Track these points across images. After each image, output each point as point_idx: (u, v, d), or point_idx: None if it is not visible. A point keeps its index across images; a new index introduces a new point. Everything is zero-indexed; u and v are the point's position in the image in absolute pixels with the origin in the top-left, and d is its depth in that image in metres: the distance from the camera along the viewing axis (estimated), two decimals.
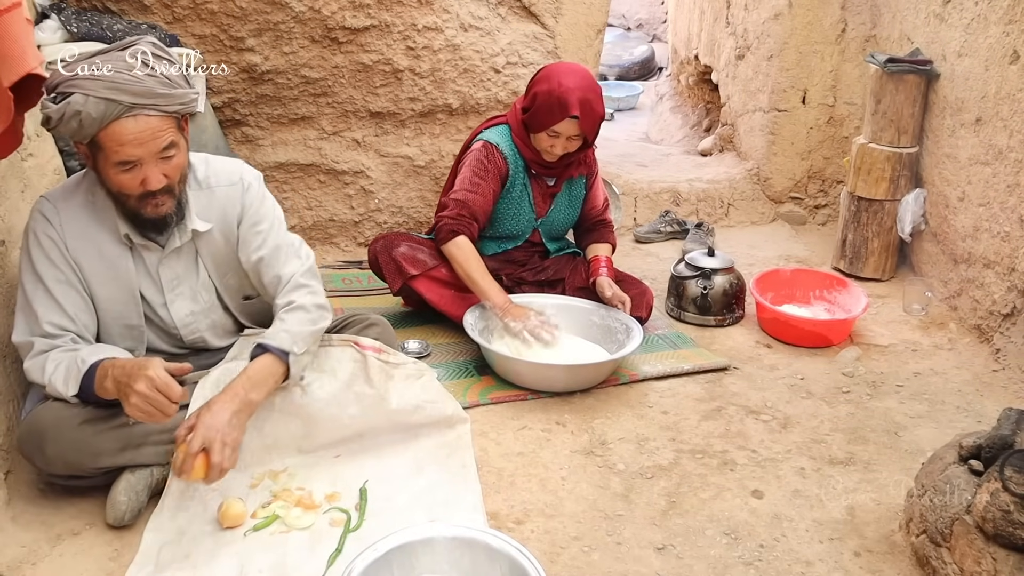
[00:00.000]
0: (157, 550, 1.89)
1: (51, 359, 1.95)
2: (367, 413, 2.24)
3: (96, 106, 1.78)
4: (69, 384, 1.92)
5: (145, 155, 1.86)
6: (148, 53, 1.87)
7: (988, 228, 3.08)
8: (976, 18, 3.16)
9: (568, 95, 2.72)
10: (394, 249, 2.94)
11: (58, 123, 1.81)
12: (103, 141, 1.83)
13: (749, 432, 2.53)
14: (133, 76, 1.82)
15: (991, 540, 1.72)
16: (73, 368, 1.93)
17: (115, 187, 1.91)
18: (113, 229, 2.02)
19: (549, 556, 1.96)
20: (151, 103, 1.83)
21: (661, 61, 8.04)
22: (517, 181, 2.95)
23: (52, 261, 1.98)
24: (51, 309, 1.97)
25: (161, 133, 1.86)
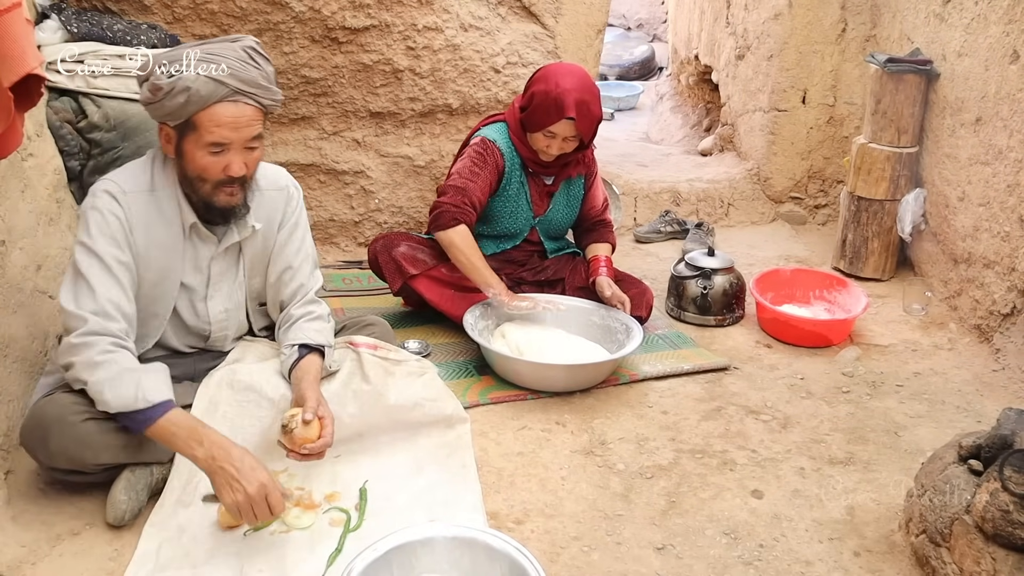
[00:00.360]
0: (157, 549, 1.89)
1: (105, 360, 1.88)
2: (365, 410, 2.24)
3: (206, 85, 1.89)
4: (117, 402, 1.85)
5: (236, 140, 1.95)
6: (254, 49, 1.99)
7: (988, 228, 3.08)
8: (976, 18, 3.16)
9: (565, 96, 2.72)
10: (394, 249, 2.94)
11: (164, 96, 1.89)
12: (200, 120, 1.91)
13: (749, 432, 2.53)
14: (241, 64, 1.93)
15: (990, 540, 1.72)
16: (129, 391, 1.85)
17: (196, 170, 1.97)
18: (173, 218, 2.06)
19: (549, 556, 1.96)
20: (253, 92, 1.95)
21: (661, 61, 8.05)
22: (513, 179, 2.96)
23: (116, 240, 1.98)
24: (111, 287, 1.95)
25: (254, 122, 1.98)
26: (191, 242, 2.11)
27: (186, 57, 1.90)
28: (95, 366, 1.87)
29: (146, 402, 1.85)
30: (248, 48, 1.97)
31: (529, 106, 2.81)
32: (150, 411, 1.85)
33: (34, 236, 2.34)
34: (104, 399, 1.85)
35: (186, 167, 1.99)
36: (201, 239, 2.12)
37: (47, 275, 2.39)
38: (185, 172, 2.00)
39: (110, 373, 1.87)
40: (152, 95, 1.91)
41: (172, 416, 1.86)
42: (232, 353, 2.29)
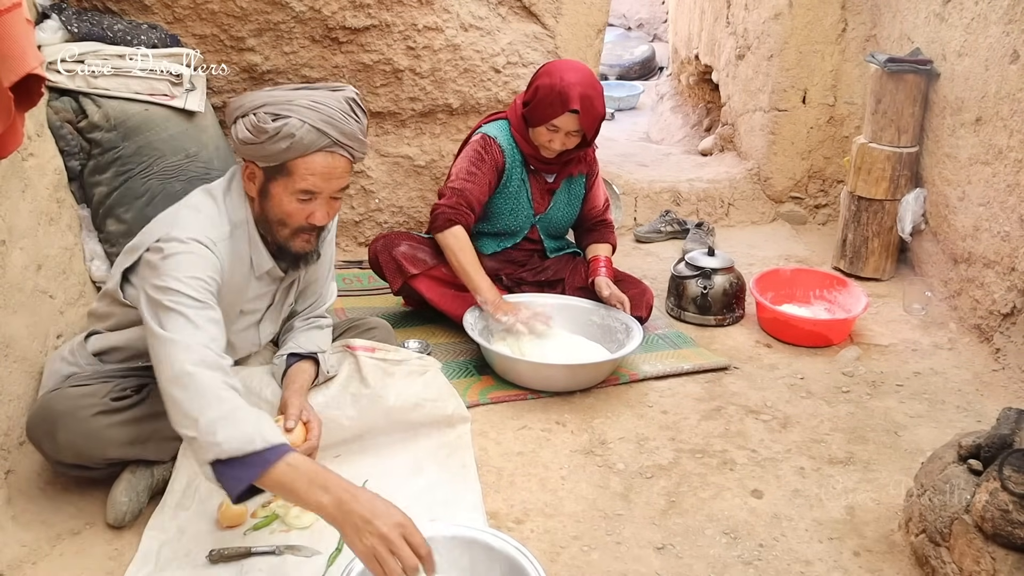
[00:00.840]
0: (157, 550, 1.89)
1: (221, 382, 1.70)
2: (365, 413, 2.25)
3: (309, 133, 1.87)
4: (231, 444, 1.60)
5: (325, 190, 1.94)
6: (355, 101, 1.98)
7: (988, 228, 3.08)
8: (976, 18, 3.16)
9: (569, 89, 2.72)
10: (394, 248, 2.94)
11: (267, 139, 1.86)
12: (295, 167, 1.90)
13: (749, 432, 2.54)
14: (344, 116, 1.92)
15: (990, 539, 1.72)
16: (246, 429, 1.62)
17: (280, 214, 1.95)
18: (244, 257, 2.02)
19: (549, 555, 1.96)
20: (350, 145, 1.94)
21: (662, 61, 8.05)
22: (514, 175, 2.96)
23: (207, 284, 1.83)
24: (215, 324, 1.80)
25: (345, 175, 1.97)
26: (259, 278, 2.10)
27: (291, 102, 1.89)
28: (210, 402, 1.66)
29: (265, 442, 1.61)
30: (350, 100, 1.96)
31: (533, 100, 2.81)
32: (268, 453, 1.61)
33: (35, 236, 2.35)
34: (216, 440, 1.61)
35: (269, 209, 1.96)
36: (269, 274, 2.11)
37: (47, 275, 2.39)
38: (266, 214, 1.97)
39: (223, 412, 1.64)
40: (254, 136, 1.88)
41: (291, 459, 1.62)
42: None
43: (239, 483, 1.61)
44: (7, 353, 2.10)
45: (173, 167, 2.84)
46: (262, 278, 2.10)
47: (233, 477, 1.61)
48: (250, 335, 2.20)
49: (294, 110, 1.87)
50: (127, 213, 2.79)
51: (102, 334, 2.11)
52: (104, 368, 2.08)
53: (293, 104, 1.88)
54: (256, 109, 1.90)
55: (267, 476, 1.60)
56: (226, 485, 1.63)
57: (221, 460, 1.61)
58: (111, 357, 2.10)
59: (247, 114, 1.91)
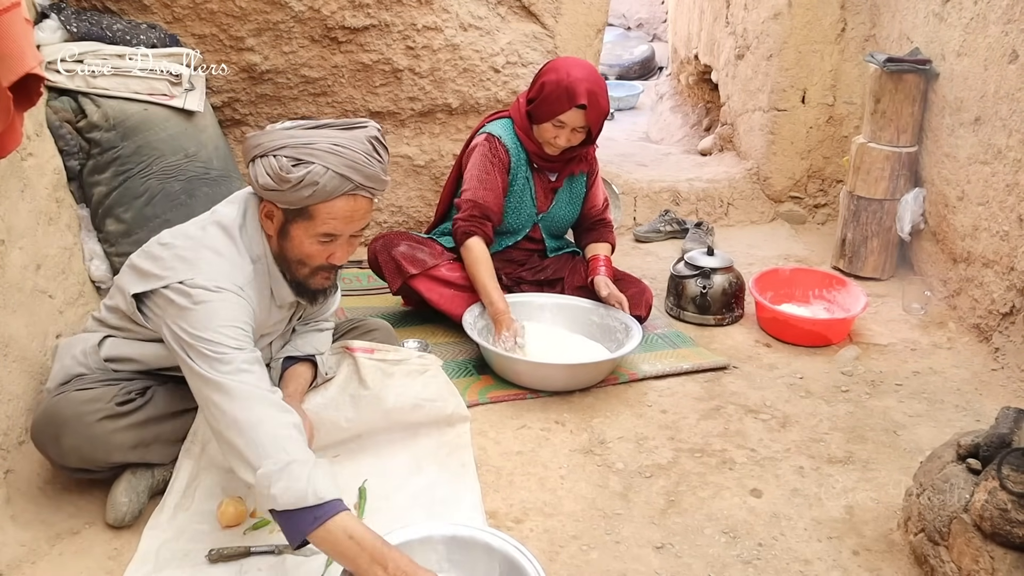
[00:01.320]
0: (156, 549, 1.89)
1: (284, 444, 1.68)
2: (364, 415, 2.25)
3: (332, 180, 1.82)
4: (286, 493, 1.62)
5: (347, 232, 1.91)
6: (377, 140, 1.92)
7: (987, 227, 3.08)
8: (975, 17, 3.16)
9: (576, 85, 2.74)
10: (393, 248, 2.94)
11: (290, 188, 1.81)
12: (317, 212, 1.85)
13: (748, 431, 2.54)
14: (367, 159, 1.86)
15: (989, 538, 1.72)
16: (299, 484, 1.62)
17: (299, 255, 1.93)
18: (263, 290, 1.99)
19: (548, 555, 1.96)
20: (372, 187, 1.89)
21: (661, 61, 8.04)
22: (519, 174, 2.96)
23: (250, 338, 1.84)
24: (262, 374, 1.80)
25: (367, 215, 1.93)
26: (279, 307, 2.09)
27: (313, 146, 1.82)
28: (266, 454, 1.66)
29: (317, 498, 1.62)
30: (372, 139, 1.90)
31: (539, 96, 2.82)
32: (319, 509, 1.62)
33: (34, 236, 2.35)
34: (270, 493, 1.63)
35: (289, 250, 1.93)
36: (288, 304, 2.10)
37: (47, 274, 2.39)
38: (285, 253, 1.94)
39: (280, 462, 1.65)
40: (276, 183, 1.82)
41: (350, 526, 1.63)
42: None
43: (295, 535, 1.64)
44: (6, 353, 2.10)
45: (172, 167, 2.84)
46: (282, 306, 2.10)
47: (289, 529, 1.65)
48: (264, 353, 2.19)
49: (316, 155, 1.81)
50: (126, 213, 2.79)
51: (117, 340, 2.07)
52: (111, 373, 2.07)
53: (315, 148, 1.81)
54: (276, 151, 1.83)
55: (319, 533, 1.62)
56: (286, 534, 1.67)
57: (277, 511, 1.64)
58: (124, 366, 2.07)
59: (266, 155, 1.85)
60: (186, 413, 2.08)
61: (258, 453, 1.66)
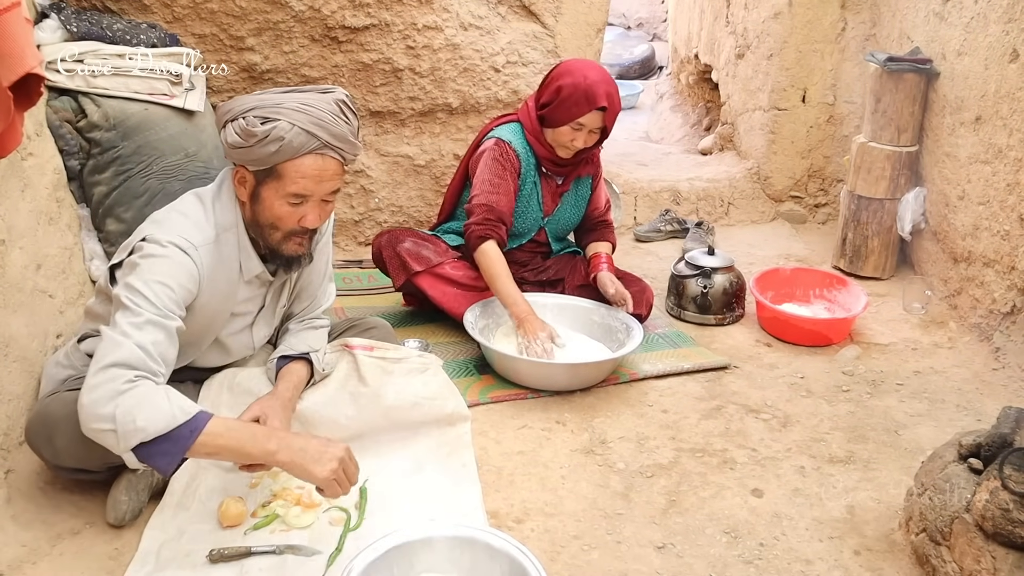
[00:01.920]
0: (157, 549, 1.89)
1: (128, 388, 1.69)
2: (363, 412, 2.24)
3: (298, 136, 1.86)
4: (153, 425, 1.66)
5: (316, 193, 1.93)
6: (344, 103, 1.96)
7: (988, 227, 3.08)
8: (976, 17, 3.16)
9: (595, 87, 2.76)
10: (398, 245, 2.94)
11: (256, 142, 1.86)
12: (285, 170, 1.89)
13: (749, 431, 2.53)
14: (334, 118, 1.91)
15: (990, 538, 1.72)
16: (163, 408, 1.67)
17: (271, 218, 1.95)
18: (231, 263, 2.01)
19: (549, 555, 1.96)
20: (340, 147, 1.93)
21: (661, 60, 8.04)
22: (528, 179, 2.96)
23: (174, 293, 1.84)
24: (159, 329, 1.79)
25: (336, 177, 1.96)
26: (248, 282, 2.09)
27: (280, 105, 1.88)
28: (119, 395, 1.68)
29: (185, 414, 1.69)
30: (340, 101, 1.95)
31: (555, 100, 2.81)
32: (192, 422, 1.69)
33: (34, 235, 2.34)
34: (137, 426, 1.65)
35: (260, 213, 1.95)
36: (258, 278, 2.10)
37: (47, 274, 2.39)
38: (257, 218, 1.97)
39: (136, 399, 1.68)
40: (244, 140, 1.87)
41: (225, 423, 1.76)
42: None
43: (171, 458, 1.69)
44: (7, 353, 2.10)
45: (172, 166, 2.84)
46: (251, 282, 2.09)
47: (162, 454, 1.68)
48: (243, 338, 2.19)
49: (283, 113, 1.86)
50: (126, 212, 2.78)
51: (96, 337, 2.08)
52: None
53: (282, 107, 1.87)
54: (245, 113, 1.89)
55: (198, 444, 1.70)
56: (156, 464, 1.70)
57: (147, 442, 1.67)
58: None
59: (236, 118, 1.90)
60: None
61: (110, 396, 1.67)
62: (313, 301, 2.33)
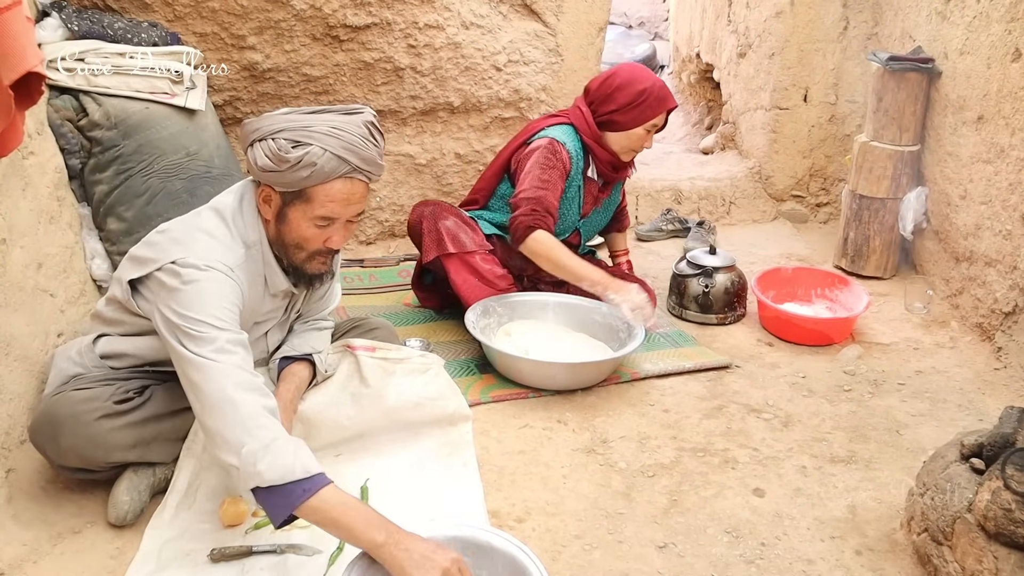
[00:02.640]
0: (158, 549, 1.89)
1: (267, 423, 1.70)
2: (365, 413, 2.24)
3: (330, 162, 1.85)
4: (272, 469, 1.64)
5: (343, 215, 1.93)
6: (373, 125, 1.95)
7: (990, 226, 3.07)
8: (978, 16, 3.15)
9: (666, 90, 2.89)
10: (440, 220, 2.91)
11: (288, 168, 1.85)
12: (315, 194, 1.88)
13: (750, 430, 2.53)
14: (363, 142, 1.90)
15: (992, 539, 1.72)
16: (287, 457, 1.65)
17: (297, 239, 1.95)
18: (257, 277, 2.01)
19: (550, 554, 1.96)
20: (368, 170, 1.93)
21: (663, 59, 8.03)
22: (574, 183, 2.98)
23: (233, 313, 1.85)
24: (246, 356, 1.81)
25: (363, 199, 1.96)
26: (272, 296, 2.10)
27: (310, 128, 1.86)
28: (249, 433, 1.67)
29: (305, 471, 1.66)
30: (368, 124, 1.93)
31: (631, 104, 2.85)
32: (308, 482, 1.65)
33: (35, 234, 2.34)
34: (257, 469, 1.64)
35: (286, 234, 1.95)
36: (283, 292, 2.11)
37: (48, 273, 2.39)
38: (283, 238, 1.96)
39: (264, 440, 1.67)
40: (275, 164, 1.85)
41: (341, 495, 1.67)
42: None
43: (281, 511, 1.65)
44: (8, 352, 2.10)
45: (174, 165, 2.84)
46: (276, 295, 2.10)
47: (276, 505, 1.66)
48: (259, 344, 2.20)
49: (315, 137, 1.85)
50: (128, 211, 2.78)
51: (111, 337, 2.08)
52: (109, 372, 2.07)
53: (313, 131, 1.85)
54: (275, 135, 1.87)
55: (308, 505, 1.64)
56: (270, 513, 1.68)
57: (262, 488, 1.65)
58: (120, 362, 2.08)
59: (265, 139, 1.88)
60: (186, 411, 2.07)
61: (239, 432, 1.67)
62: (320, 303, 2.34)
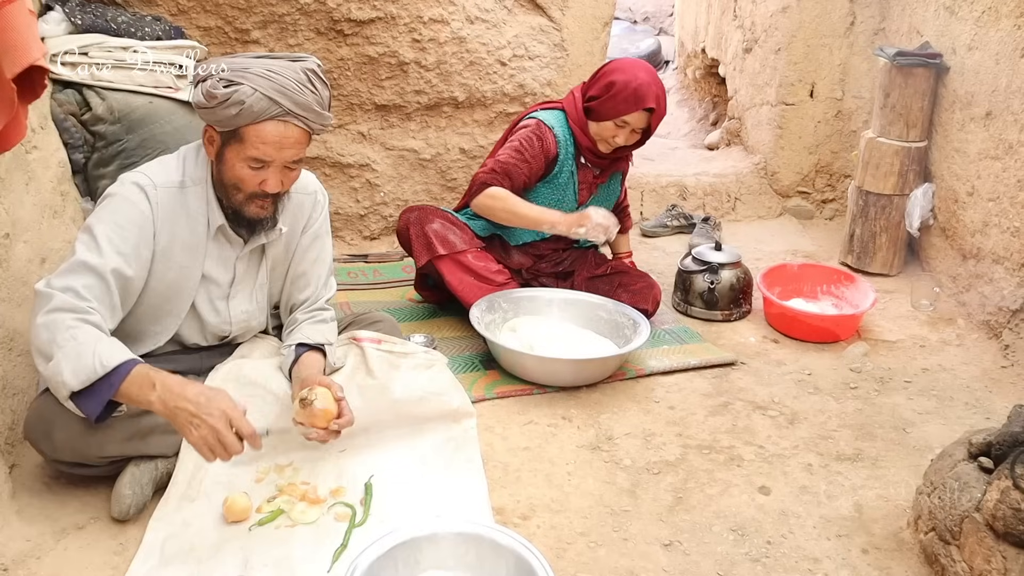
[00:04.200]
0: (161, 543, 1.89)
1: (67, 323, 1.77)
2: (371, 404, 2.23)
3: (259, 101, 1.88)
4: (77, 375, 1.73)
5: (278, 159, 1.95)
6: (314, 72, 1.97)
7: (997, 223, 3.06)
8: (987, 11, 3.13)
9: (645, 88, 2.78)
10: (427, 224, 2.91)
11: (217, 105, 1.89)
12: (247, 134, 1.92)
13: (756, 428, 2.52)
14: (299, 87, 1.92)
15: (1001, 538, 1.70)
16: (88, 358, 1.74)
17: (233, 178, 1.98)
18: (199, 216, 2.05)
19: (555, 551, 1.95)
20: (304, 115, 1.94)
21: (668, 55, 8.00)
22: (565, 168, 2.96)
23: (123, 232, 1.92)
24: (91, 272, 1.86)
25: (298, 145, 1.98)
26: (216, 241, 2.10)
27: (247, 70, 1.90)
28: (58, 346, 1.75)
29: (105, 366, 1.74)
30: (308, 71, 1.96)
31: (605, 94, 2.82)
32: (112, 376, 1.74)
33: (38, 229, 2.34)
34: (63, 379, 1.73)
35: (224, 173, 1.99)
36: (227, 239, 2.11)
37: (51, 268, 2.38)
38: (222, 177, 2.01)
39: (67, 352, 1.75)
40: (206, 100, 1.90)
41: (141, 374, 1.77)
42: (239, 349, 2.30)
43: (95, 405, 1.77)
44: (11, 347, 2.10)
45: None
46: (219, 239, 2.09)
47: (92, 406, 1.78)
48: (220, 307, 2.17)
49: (247, 77, 1.88)
50: None
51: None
52: None
53: (248, 72, 1.89)
54: (215, 73, 1.92)
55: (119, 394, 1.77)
56: (86, 411, 1.79)
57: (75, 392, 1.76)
58: None
59: (205, 79, 1.92)
60: None
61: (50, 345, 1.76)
62: (315, 292, 2.32)
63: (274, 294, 2.31)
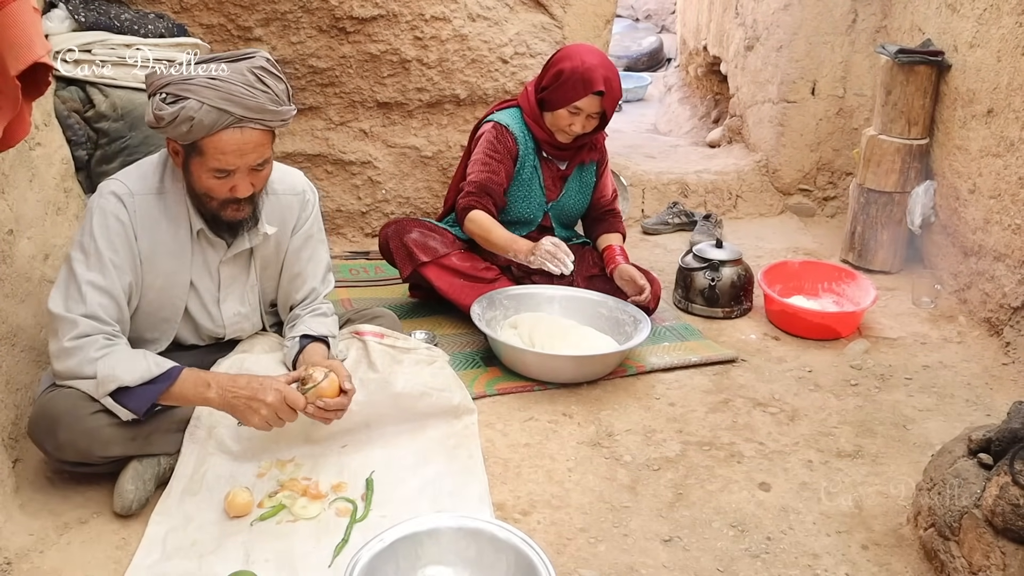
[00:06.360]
0: (163, 537, 1.90)
1: (105, 352, 1.90)
2: (372, 398, 2.24)
3: (208, 114, 1.84)
4: (131, 375, 1.89)
5: (242, 166, 1.93)
6: (264, 69, 1.92)
7: (999, 220, 3.06)
8: (988, 8, 3.13)
9: (593, 72, 2.76)
10: (405, 235, 2.93)
11: (167, 124, 1.86)
12: (205, 147, 1.89)
13: (756, 424, 2.53)
14: (248, 90, 1.87)
15: (1000, 534, 1.71)
16: (140, 361, 1.92)
17: (202, 189, 1.96)
18: (181, 221, 2.04)
19: (555, 547, 1.96)
20: (259, 118, 1.90)
21: (669, 52, 8.00)
22: (527, 163, 2.96)
23: (113, 243, 1.95)
24: (102, 293, 1.93)
25: (260, 147, 1.94)
26: (200, 245, 2.09)
27: (190, 82, 1.84)
28: (95, 361, 1.89)
29: (159, 367, 1.91)
30: (257, 69, 1.90)
31: (554, 83, 2.82)
32: (165, 376, 1.91)
33: (42, 226, 2.35)
34: (116, 375, 1.87)
35: (193, 184, 1.98)
36: (210, 243, 2.10)
37: (55, 264, 2.39)
38: (192, 187, 1.99)
39: (116, 357, 1.90)
40: (156, 122, 1.88)
41: (194, 374, 1.94)
42: (240, 344, 2.30)
43: (144, 402, 1.90)
44: (14, 342, 2.11)
45: None
46: (202, 243, 2.09)
47: (136, 398, 1.89)
48: (212, 310, 2.18)
49: (192, 90, 1.83)
50: None
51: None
52: None
53: (191, 84, 1.84)
54: (160, 89, 1.88)
55: (165, 397, 1.92)
56: (130, 405, 1.90)
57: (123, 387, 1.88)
58: None
59: (155, 93, 1.89)
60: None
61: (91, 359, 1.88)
62: (313, 290, 2.32)
63: (267, 294, 2.31)
